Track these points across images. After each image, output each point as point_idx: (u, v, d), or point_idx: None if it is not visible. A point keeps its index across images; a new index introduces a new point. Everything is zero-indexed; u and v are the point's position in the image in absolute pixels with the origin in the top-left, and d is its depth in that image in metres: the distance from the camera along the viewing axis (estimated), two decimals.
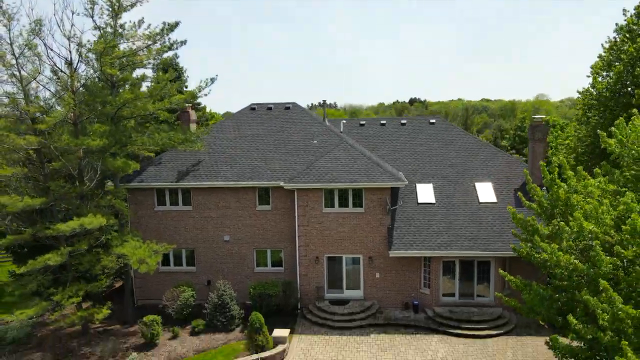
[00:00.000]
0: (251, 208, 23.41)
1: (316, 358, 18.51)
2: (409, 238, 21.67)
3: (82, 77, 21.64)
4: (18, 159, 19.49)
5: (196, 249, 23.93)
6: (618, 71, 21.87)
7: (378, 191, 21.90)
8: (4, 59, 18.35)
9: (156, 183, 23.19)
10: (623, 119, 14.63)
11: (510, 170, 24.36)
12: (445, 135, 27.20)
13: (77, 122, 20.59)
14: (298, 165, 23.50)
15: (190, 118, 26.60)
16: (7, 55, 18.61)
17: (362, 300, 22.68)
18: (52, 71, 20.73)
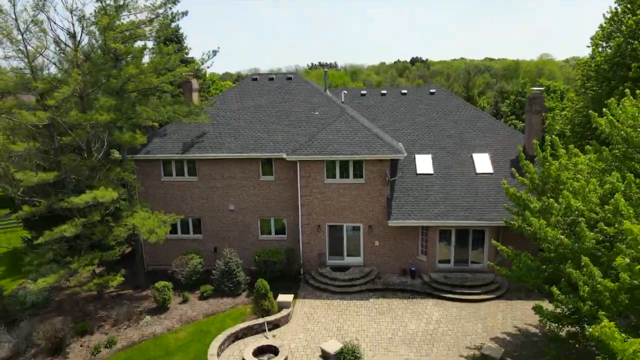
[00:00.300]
0: (255, 178, 24.17)
1: (318, 321, 19.77)
2: (408, 208, 22.54)
3: (85, 49, 21.95)
4: (29, 134, 20.07)
5: (202, 218, 24.87)
6: (617, 43, 22.06)
7: (378, 163, 22.58)
8: (11, 35, 18.63)
9: (162, 154, 23.85)
10: (614, 100, 15.11)
11: (507, 141, 24.93)
12: (445, 105, 27.60)
13: (82, 96, 21.05)
14: (300, 136, 24.07)
15: (192, 87, 26.91)
16: (14, 31, 18.88)
17: (362, 266, 23.81)
18: (54, 42, 21.03)
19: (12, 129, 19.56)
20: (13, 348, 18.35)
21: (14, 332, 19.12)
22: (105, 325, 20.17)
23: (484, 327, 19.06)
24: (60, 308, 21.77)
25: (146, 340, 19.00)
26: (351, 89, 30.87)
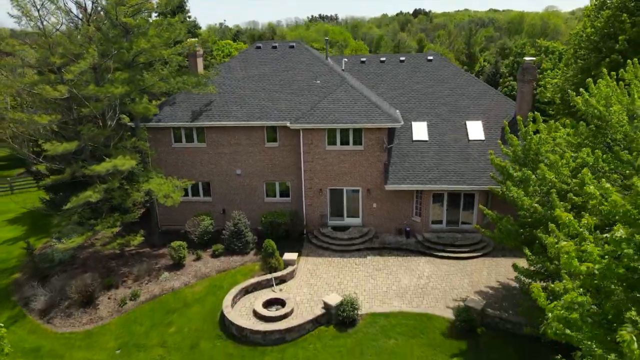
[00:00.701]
0: (260, 145, 25.69)
1: (320, 277, 21.89)
2: (403, 173, 24.18)
3: (96, 23, 22.94)
4: (50, 107, 21.47)
5: (211, 182, 26.59)
6: (607, 15, 22.93)
7: (376, 131, 24.02)
8: (29, 13, 19.65)
9: (173, 123, 25.25)
10: (591, 80, 16.40)
11: (500, 108, 26.22)
12: (441, 72, 28.66)
13: (96, 68, 22.26)
14: (303, 105, 25.37)
15: (197, 54, 27.85)
16: (31, 9, 19.88)
17: (361, 226, 25.75)
18: (65, 13, 22.02)
19: (36, 102, 20.96)
20: (48, 300, 20.58)
21: (47, 287, 21.31)
22: (128, 280, 22.34)
23: (470, 282, 21.18)
24: (85, 265, 23.90)
25: (166, 294, 21.20)
26: (351, 57, 31.78)
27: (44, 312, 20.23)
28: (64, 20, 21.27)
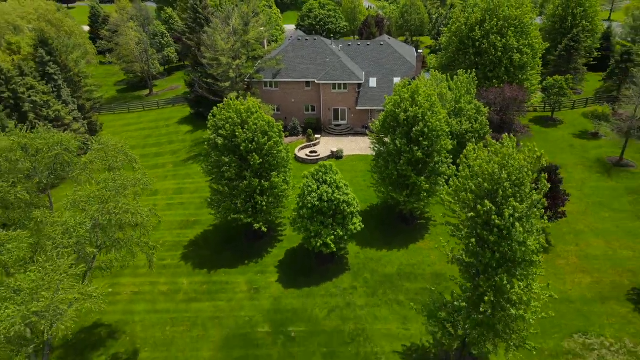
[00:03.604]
0: (302, 89, 58.30)
1: (328, 143, 55.84)
2: (364, 101, 57.07)
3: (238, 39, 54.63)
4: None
5: (280, 105, 59.54)
6: (471, 22, 54.05)
7: (353, 84, 56.51)
8: (222, 35, 51.56)
9: (265, 79, 57.70)
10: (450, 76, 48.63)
11: (410, 72, 58.12)
12: (386, 52, 60.24)
13: (237, 57, 54.43)
14: (320, 71, 57.54)
15: (264, 42, 59.31)
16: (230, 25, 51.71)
17: (346, 124, 59.22)
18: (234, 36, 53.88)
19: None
20: None
21: None
22: None
23: None
24: None
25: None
26: (343, 41, 63.06)
27: None
28: (232, 37, 52.96)
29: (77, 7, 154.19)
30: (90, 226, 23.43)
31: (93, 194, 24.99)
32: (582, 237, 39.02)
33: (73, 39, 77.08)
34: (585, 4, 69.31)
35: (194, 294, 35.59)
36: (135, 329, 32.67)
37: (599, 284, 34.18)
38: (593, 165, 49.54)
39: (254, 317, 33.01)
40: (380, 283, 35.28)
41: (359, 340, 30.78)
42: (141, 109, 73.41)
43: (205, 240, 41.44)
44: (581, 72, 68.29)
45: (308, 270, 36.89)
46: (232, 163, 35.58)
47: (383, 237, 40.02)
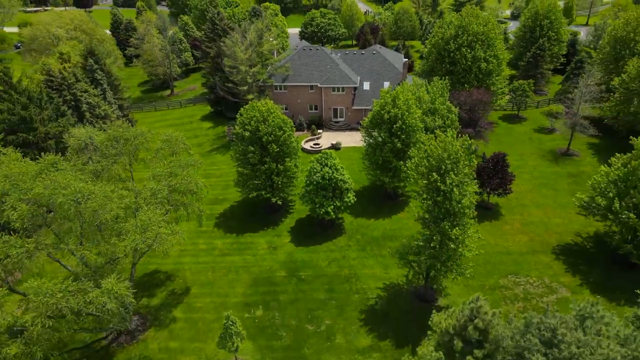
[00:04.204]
0: (307, 91, 69.31)
1: (329, 137, 66.91)
2: (359, 102, 68.10)
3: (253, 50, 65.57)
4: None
5: (288, 105, 70.55)
6: (436, 41, 64.95)
7: (350, 87, 67.48)
8: (240, 47, 62.49)
9: (275, 84, 68.71)
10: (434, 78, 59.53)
11: (398, 77, 69.05)
12: (377, 59, 71.20)
13: (252, 65, 65.39)
14: (322, 76, 68.49)
15: (275, 52, 70.33)
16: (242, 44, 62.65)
17: (344, 121, 70.27)
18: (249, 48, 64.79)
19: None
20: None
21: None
22: None
23: None
24: None
25: None
26: (341, 50, 74.02)
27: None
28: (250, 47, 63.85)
29: (93, 10, 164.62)
30: (167, 191, 34.39)
31: (165, 170, 35.93)
32: (525, 209, 50.15)
33: (105, 45, 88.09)
34: (551, 17, 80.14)
35: (226, 250, 46.76)
36: (185, 274, 43.84)
37: (532, 242, 45.30)
38: (545, 154, 60.62)
39: (273, 266, 44.16)
40: (369, 242, 46.42)
41: (351, 280, 41.91)
42: (166, 107, 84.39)
43: (232, 213, 52.59)
44: (546, 76, 79.56)
45: (313, 233, 48.03)
46: (255, 151, 46.61)
47: (372, 209, 51.17)
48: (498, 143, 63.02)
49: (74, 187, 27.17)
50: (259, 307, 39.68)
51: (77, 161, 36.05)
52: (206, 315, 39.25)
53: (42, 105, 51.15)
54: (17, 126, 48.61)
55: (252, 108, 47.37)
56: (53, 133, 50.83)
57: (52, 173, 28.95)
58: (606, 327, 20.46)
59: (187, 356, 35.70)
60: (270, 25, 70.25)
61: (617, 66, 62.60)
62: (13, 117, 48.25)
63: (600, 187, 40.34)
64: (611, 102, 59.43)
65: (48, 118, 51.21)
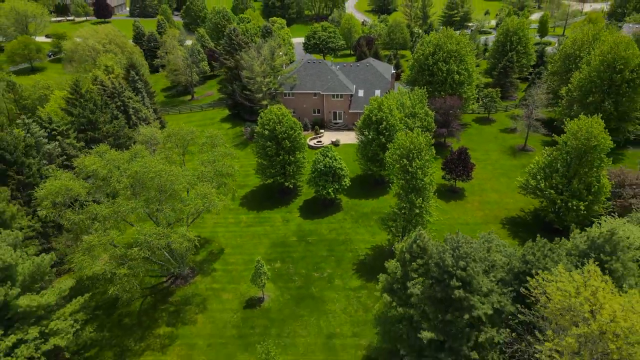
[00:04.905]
0: (312, 98, 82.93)
1: (330, 135, 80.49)
2: (355, 105, 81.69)
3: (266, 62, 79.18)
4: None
5: (295, 109, 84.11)
6: (420, 55, 78.54)
7: (347, 94, 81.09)
8: (256, 61, 76.08)
9: (285, 91, 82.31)
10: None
11: (388, 86, 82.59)
12: (371, 71, 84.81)
13: (264, 76, 78.99)
14: (324, 85, 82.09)
15: (284, 66, 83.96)
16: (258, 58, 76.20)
17: (342, 122, 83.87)
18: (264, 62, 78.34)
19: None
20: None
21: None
22: None
23: None
24: None
25: None
26: (340, 63, 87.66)
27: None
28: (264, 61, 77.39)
29: (111, 21, 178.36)
30: (213, 173, 47.84)
31: (210, 158, 49.42)
32: (485, 192, 63.67)
33: (135, 57, 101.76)
34: (519, 34, 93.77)
35: (250, 222, 60.27)
36: (220, 239, 57.33)
37: (487, 216, 58.79)
38: (506, 150, 74.21)
39: (286, 233, 57.64)
40: (360, 216, 59.91)
41: (346, 243, 55.38)
42: (189, 111, 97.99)
43: (253, 195, 66.15)
44: (515, 84, 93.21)
45: (317, 210, 61.53)
46: (272, 146, 60.07)
47: (363, 192, 64.72)
48: (469, 141, 76.59)
49: (159, 167, 40.61)
50: (277, 261, 53.17)
51: (146, 151, 49.69)
52: (238, 267, 52.76)
53: (102, 110, 64.72)
54: (86, 126, 62.18)
55: (269, 112, 60.85)
56: (111, 132, 64.37)
57: (141, 158, 42.48)
58: (496, 247, 33.94)
59: (227, 293, 49.24)
60: (281, 43, 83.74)
61: (566, 77, 76.09)
62: (83, 119, 61.82)
63: (532, 172, 53.87)
64: (559, 107, 72.98)
65: (107, 120, 64.76)
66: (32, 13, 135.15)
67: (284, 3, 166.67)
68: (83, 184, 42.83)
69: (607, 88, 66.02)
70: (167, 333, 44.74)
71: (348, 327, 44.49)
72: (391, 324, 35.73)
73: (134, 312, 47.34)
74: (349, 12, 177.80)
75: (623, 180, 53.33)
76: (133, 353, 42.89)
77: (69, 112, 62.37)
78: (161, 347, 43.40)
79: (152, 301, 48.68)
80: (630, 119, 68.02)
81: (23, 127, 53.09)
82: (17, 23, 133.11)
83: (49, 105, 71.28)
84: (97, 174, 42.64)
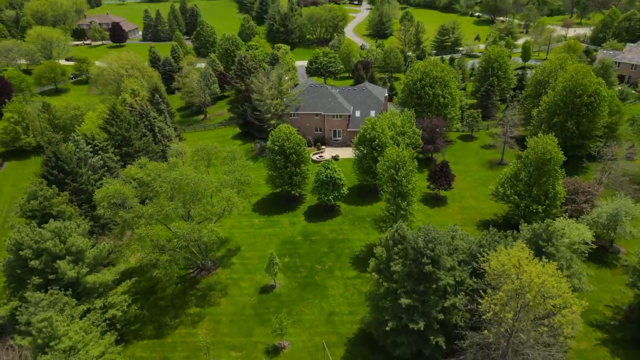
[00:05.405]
0: (314, 118, 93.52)
1: (330, 151, 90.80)
2: (352, 124, 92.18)
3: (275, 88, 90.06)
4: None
5: (300, 127, 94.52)
6: (415, 79, 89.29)
7: (345, 115, 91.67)
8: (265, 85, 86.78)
9: (290, 112, 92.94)
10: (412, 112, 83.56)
11: (380, 107, 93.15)
12: (366, 94, 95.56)
13: (273, 99, 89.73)
14: (325, 106, 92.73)
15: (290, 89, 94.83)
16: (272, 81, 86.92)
17: (341, 139, 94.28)
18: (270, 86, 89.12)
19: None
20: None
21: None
22: None
23: None
24: None
25: None
26: (339, 87, 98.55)
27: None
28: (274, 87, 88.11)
29: (126, 45, 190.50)
30: (234, 181, 57.93)
31: (231, 168, 59.64)
32: (464, 199, 73.68)
33: (153, 80, 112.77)
34: (500, 61, 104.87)
35: (262, 225, 70.15)
36: (236, 239, 67.13)
37: (464, 219, 68.65)
38: (485, 164, 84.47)
39: (293, 234, 67.46)
40: (356, 219, 69.82)
41: (345, 241, 65.16)
42: (203, 129, 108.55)
43: (263, 202, 76.14)
44: (496, 105, 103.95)
45: (319, 215, 71.46)
46: (281, 159, 70.23)
47: (359, 199, 74.74)
48: (453, 156, 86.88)
49: (192, 175, 50.72)
50: (286, 256, 62.90)
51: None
52: (253, 261, 62.51)
53: (134, 128, 75.16)
54: (121, 142, 72.53)
55: (279, 131, 71.19)
56: (141, 147, 74.68)
57: (178, 167, 52.67)
58: (460, 236, 43.87)
59: (244, 281, 58.91)
60: (287, 68, 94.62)
61: (537, 100, 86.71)
62: (119, 136, 72.21)
63: (501, 182, 63.93)
64: (531, 126, 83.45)
65: (138, 137, 75.15)
66: (56, 39, 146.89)
67: (287, 28, 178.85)
68: (130, 189, 52.87)
69: (569, 110, 76.48)
70: (196, 312, 54.31)
71: (345, 307, 54.06)
72: (378, 299, 45.44)
73: (168, 296, 56.97)
74: (348, 36, 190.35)
75: (577, 188, 63.33)
76: (169, 327, 52.43)
77: (107, 131, 72.75)
78: (192, 322, 52.94)
79: (182, 288, 58.30)
80: (591, 137, 78.35)
81: (73, 142, 63.37)
82: (42, 48, 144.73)
83: (84, 124, 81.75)
84: (141, 180, 52.75)
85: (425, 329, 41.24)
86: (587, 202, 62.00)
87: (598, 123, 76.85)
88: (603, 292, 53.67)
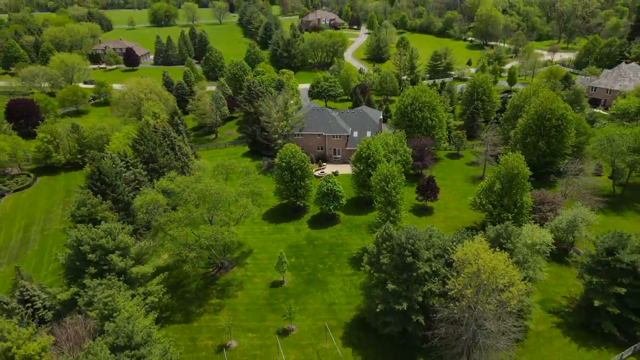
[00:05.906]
0: (316, 138, 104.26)
1: (331, 167, 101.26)
2: (351, 144, 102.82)
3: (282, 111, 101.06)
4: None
5: (303, 147, 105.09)
6: (407, 103, 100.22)
7: (344, 135, 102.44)
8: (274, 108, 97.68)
9: (295, 132, 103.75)
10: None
11: (375, 128, 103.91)
12: (363, 116, 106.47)
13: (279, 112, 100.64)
14: (326, 127, 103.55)
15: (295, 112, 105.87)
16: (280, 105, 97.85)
17: (341, 157, 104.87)
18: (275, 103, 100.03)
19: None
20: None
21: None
22: None
23: None
24: None
25: None
26: (337, 109, 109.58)
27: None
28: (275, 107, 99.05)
29: (138, 68, 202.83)
30: (249, 192, 68.26)
31: (246, 181, 70.08)
32: (448, 209, 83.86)
33: (169, 103, 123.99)
34: (484, 86, 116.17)
35: (271, 231, 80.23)
36: (249, 243, 77.13)
37: (448, 227, 78.63)
38: (468, 179, 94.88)
39: (298, 239, 77.49)
40: (354, 227, 79.91)
41: (343, 245, 75.15)
42: (215, 147, 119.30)
43: (272, 212, 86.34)
44: (480, 127, 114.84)
45: (321, 223, 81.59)
46: (288, 174, 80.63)
47: (356, 209, 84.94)
48: (440, 172, 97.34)
49: (216, 186, 61.06)
50: (292, 257, 72.82)
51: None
52: (264, 261, 72.43)
53: (159, 147, 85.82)
54: (148, 159, 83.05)
55: (286, 149, 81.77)
56: (165, 164, 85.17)
57: (203, 180, 63.10)
58: (436, 235, 54.05)
59: (257, 278, 68.74)
60: (292, 93, 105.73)
61: (514, 123, 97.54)
62: (146, 154, 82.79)
63: (479, 193, 74.20)
64: (508, 145, 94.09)
65: (162, 155, 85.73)
66: (77, 64, 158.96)
67: (290, 53, 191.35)
68: (163, 197, 63.19)
69: (540, 132, 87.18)
70: (217, 302, 64.05)
71: (344, 298, 63.85)
72: (370, 288, 55.35)
73: (192, 290, 66.78)
74: (348, 60, 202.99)
75: (543, 199, 73.57)
76: (195, 314, 62.14)
77: (136, 149, 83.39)
78: (214, 310, 62.67)
79: (203, 283, 68.13)
80: (561, 155, 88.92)
81: (110, 159, 73.91)
82: (65, 73, 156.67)
83: (112, 143, 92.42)
84: (172, 190, 63.12)
85: (408, 310, 51.07)
86: (552, 210, 72.16)
87: (567, 143, 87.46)
88: (561, 285, 63.56)
